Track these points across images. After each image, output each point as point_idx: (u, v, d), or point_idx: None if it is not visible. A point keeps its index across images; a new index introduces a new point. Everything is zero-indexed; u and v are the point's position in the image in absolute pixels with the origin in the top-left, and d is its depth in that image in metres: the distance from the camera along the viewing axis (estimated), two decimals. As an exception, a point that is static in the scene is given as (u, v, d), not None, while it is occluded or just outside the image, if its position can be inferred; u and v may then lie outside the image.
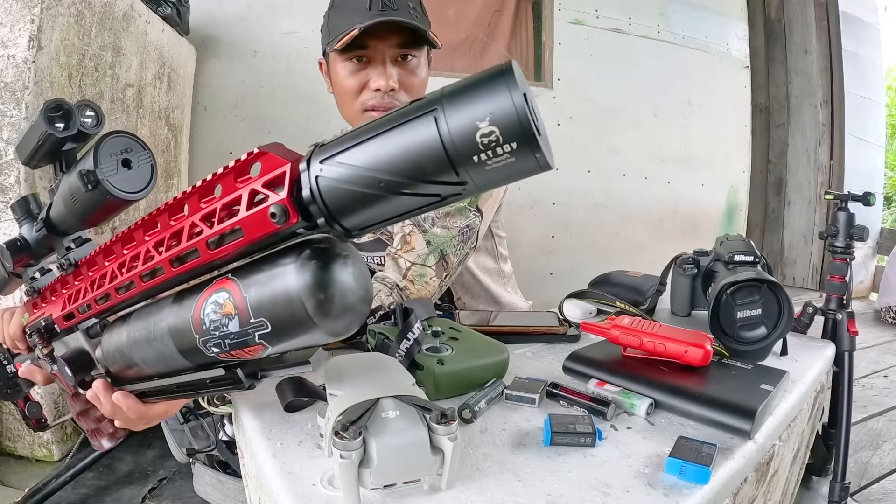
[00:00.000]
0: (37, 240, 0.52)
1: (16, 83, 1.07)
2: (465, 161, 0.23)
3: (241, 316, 0.32)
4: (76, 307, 0.46)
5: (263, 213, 0.28)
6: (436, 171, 0.24)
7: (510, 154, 0.23)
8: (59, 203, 0.46)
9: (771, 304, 0.67)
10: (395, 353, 0.59)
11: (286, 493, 0.42)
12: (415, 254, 0.87)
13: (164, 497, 1.09)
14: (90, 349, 0.49)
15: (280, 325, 0.31)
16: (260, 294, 0.31)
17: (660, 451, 0.49)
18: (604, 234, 2.98)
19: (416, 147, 0.24)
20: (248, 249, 0.32)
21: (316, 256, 0.29)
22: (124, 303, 0.42)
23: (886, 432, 1.56)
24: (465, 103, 0.23)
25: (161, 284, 0.37)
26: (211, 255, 0.32)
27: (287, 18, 2.27)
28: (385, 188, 0.25)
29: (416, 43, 0.89)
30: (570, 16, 2.82)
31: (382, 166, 0.25)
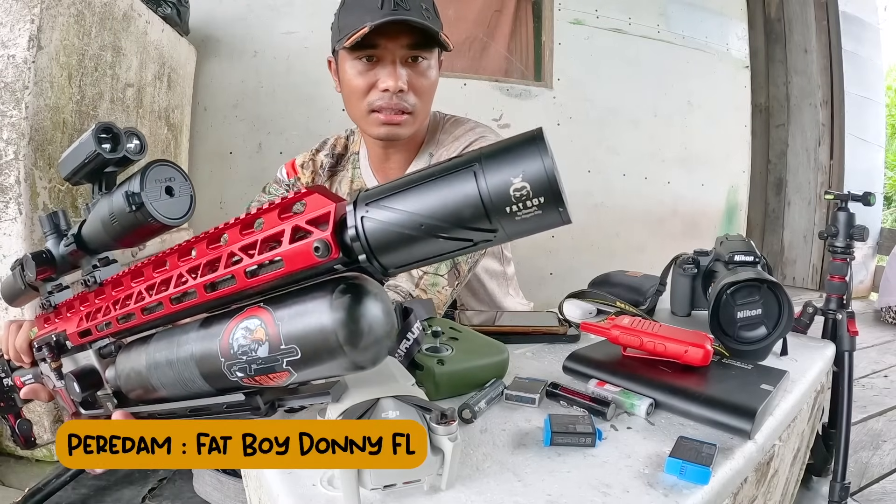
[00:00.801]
0: (63, 255, 0.53)
1: (16, 83, 1.07)
2: (498, 212, 0.26)
3: (271, 342, 0.33)
4: (95, 324, 0.47)
5: (307, 247, 0.30)
6: (472, 219, 0.27)
7: (538, 207, 0.26)
8: (96, 221, 0.47)
9: (771, 304, 0.67)
10: (394, 353, 0.59)
11: (286, 493, 0.42)
12: (429, 279, 0.87)
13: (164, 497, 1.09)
14: (100, 368, 0.50)
15: (310, 353, 0.32)
16: (293, 322, 0.33)
17: (660, 451, 0.49)
18: (604, 234, 2.98)
19: (456, 197, 0.27)
20: (283, 281, 0.33)
21: (350, 291, 0.31)
22: (145, 325, 0.43)
23: (886, 432, 1.56)
24: (502, 161, 0.26)
25: (188, 309, 0.39)
26: (247, 283, 0.34)
27: (287, 18, 2.27)
28: (425, 231, 0.28)
29: (427, 44, 0.87)
30: (570, 16, 2.82)
31: (425, 211, 0.28)
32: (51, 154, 1.16)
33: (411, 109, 0.89)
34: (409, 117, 0.89)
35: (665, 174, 3.12)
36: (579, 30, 2.85)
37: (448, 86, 2.49)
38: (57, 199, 1.19)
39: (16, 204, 1.09)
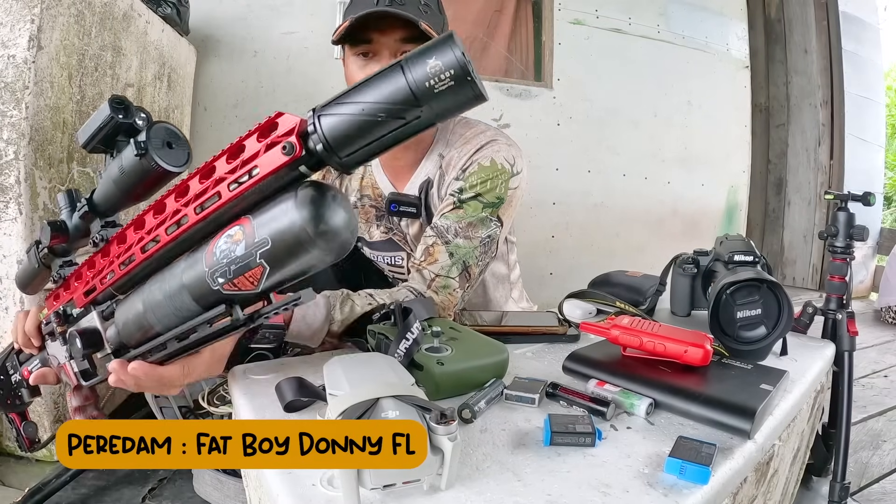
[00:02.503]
0: (76, 224, 0.58)
1: (16, 83, 1.07)
2: (420, 88, 0.34)
3: (247, 240, 0.39)
4: (100, 278, 0.52)
5: (277, 150, 0.37)
6: (403, 99, 0.34)
7: (450, 79, 0.33)
8: (108, 182, 0.53)
9: (771, 304, 0.67)
10: (394, 352, 0.59)
11: (286, 493, 0.42)
12: (438, 265, 0.89)
13: (164, 497, 1.09)
14: (102, 329, 0.54)
15: (279, 242, 0.38)
16: (264, 216, 0.39)
17: (659, 451, 0.49)
18: (604, 234, 2.98)
19: (388, 85, 0.35)
20: (261, 192, 0.39)
21: (313, 187, 0.38)
22: (144, 266, 0.47)
23: (886, 432, 1.55)
24: (422, 54, 0.34)
25: (183, 240, 0.44)
26: (231, 195, 0.39)
27: (287, 18, 2.27)
28: (367, 113, 0.35)
29: (421, 38, 0.87)
30: (570, 16, 2.82)
31: (367, 99, 0.35)
32: (51, 154, 1.16)
33: None
34: None
35: (665, 174, 3.12)
36: (579, 30, 2.85)
37: (448, 86, 2.50)
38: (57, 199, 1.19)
39: (16, 204, 1.09)
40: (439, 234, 0.91)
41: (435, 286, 0.87)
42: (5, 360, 0.77)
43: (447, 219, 0.91)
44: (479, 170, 0.94)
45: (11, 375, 0.76)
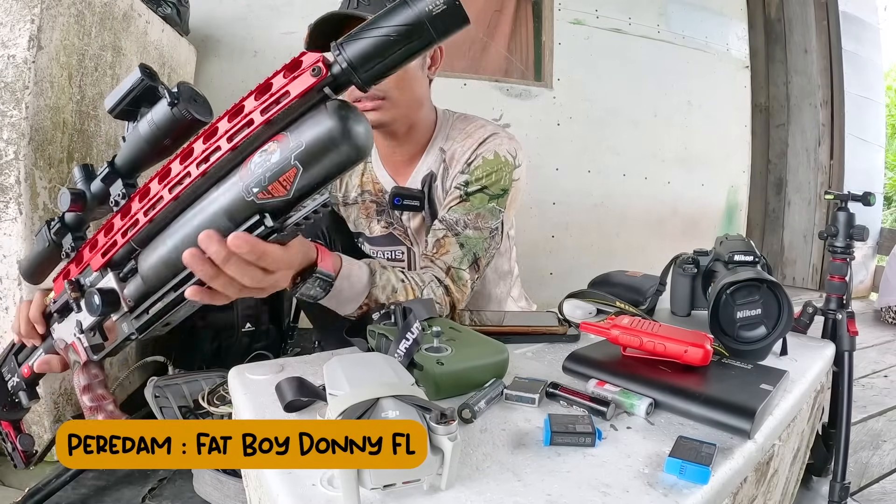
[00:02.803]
0: (97, 188, 0.59)
1: (16, 83, 1.07)
2: (422, 11, 0.42)
3: (281, 147, 0.46)
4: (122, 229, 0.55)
5: (306, 75, 0.45)
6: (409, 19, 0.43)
7: (444, 3, 0.42)
8: (134, 140, 0.55)
9: (771, 304, 0.67)
10: (394, 352, 0.59)
11: (286, 493, 0.42)
12: (450, 256, 0.91)
13: (164, 497, 1.09)
14: (119, 289, 0.57)
15: (313, 144, 0.45)
16: (298, 128, 0.46)
17: (659, 450, 0.49)
18: (604, 234, 2.97)
19: (396, 14, 0.43)
20: (288, 112, 0.46)
21: (339, 102, 0.46)
22: (169, 211, 0.52)
23: (886, 432, 1.55)
24: None
25: (212, 170, 0.48)
26: (263, 119, 0.46)
27: (287, 18, 2.27)
28: (384, 33, 0.43)
29: None
30: (570, 16, 2.82)
31: (384, 23, 0.43)
32: (51, 154, 1.16)
33: (383, 95, 0.93)
34: (383, 102, 0.93)
35: (665, 174, 3.12)
36: (579, 30, 2.85)
37: (448, 86, 2.49)
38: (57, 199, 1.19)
39: (16, 204, 1.09)
40: (449, 226, 0.93)
41: (452, 275, 0.89)
42: (1, 365, 0.75)
43: (455, 212, 0.94)
44: (483, 163, 0.96)
45: (8, 380, 0.74)
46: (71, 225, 0.63)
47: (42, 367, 0.68)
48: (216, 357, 1.50)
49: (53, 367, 0.67)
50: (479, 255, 0.92)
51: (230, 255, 0.49)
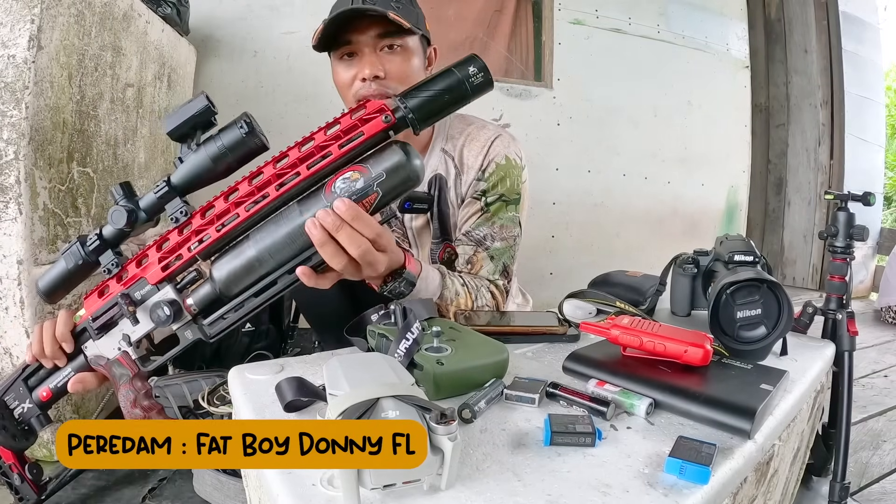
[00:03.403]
0: (150, 205, 0.64)
1: (16, 83, 1.07)
2: (467, 76, 0.62)
3: (365, 177, 0.60)
4: (186, 247, 0.61)
5: (378, 120, 0.60)
6: (454, 88, 0.61)
7: (482, 75, 0.63)
8: (200, 160, 0.61)
9: (771, 304, 0.67)
10: (394, 352, 0.59)
11: (286, 493, 0.42)
12: (485, 271, 0.97)
13: (164, 497, 1.09)
14: (180, 299, 0.63)
15: (391, 174, 0.60)
16: (376, 161, 0.60)
17: (660, 450, 0.49)
18: (604, 234, 2.97)
19: (450, 80, 0.62)
20: (360, 151, 0.60)
21: (400, 142, 0.61)
22: (245, 224, 0.60)
23: (886, 432, 1.55)
24: (466, 63, 0.63)
25: (287, 193, 0.60)
26: (339, 153, 0.59)
27: (287, 18, 2.27)
28: (438, 91, 0.61)
29: (398, 32, 0.91)
30: (570, 16, 2.82)
31: (438, 87, 0.61)
32: (51, 154, 1.16)
33: (393, 93, 0.92)
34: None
35: (665, 174, 3.12)
36: (579, 30, 2.85)
37: (448, 86, 2.49)
38: (57, 199, 1.19)
39: (16, 204, 1.09)
40: (478, 242, 0.98)
41: (497, 284, 0.97)
42: (4, 394, 0.71)
43: (481, 227, 0.98)
44: (497, 168, 0.99)
45: (15, 408, 0.72)
46: (111, 241, 0.65)
47: (76, 387, 0.68)
48: (216, 357, 1.50)
49: (88, 385, 0.68)
50: (507, 263, 0.99)
51: (342, 217, 0.59)
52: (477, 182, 1.00)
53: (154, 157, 1.74)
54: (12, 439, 0.71)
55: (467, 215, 1.00)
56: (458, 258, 0.99)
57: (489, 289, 0.94)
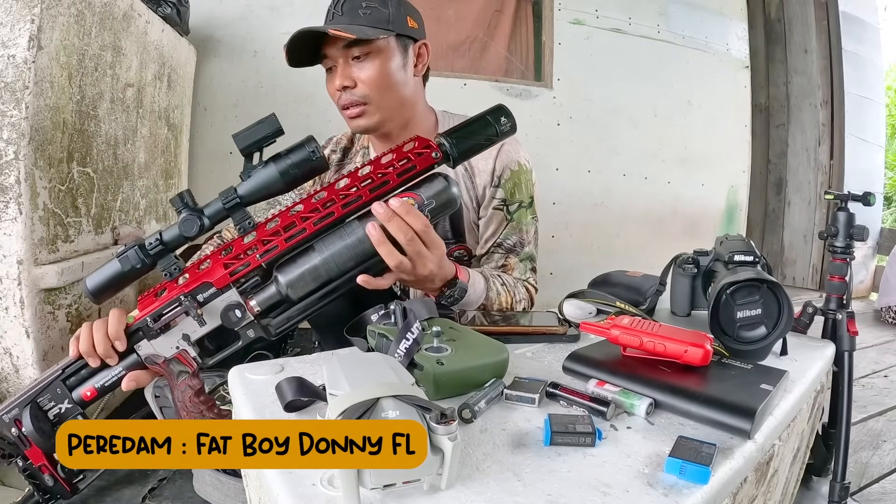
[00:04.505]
0: (217, 215, 0.70)
1: (16, 83, 1.07)
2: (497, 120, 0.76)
3: (417, 202, 0.71)
4: (257, 252, 0.69)
5: (429, 153, 0.72)
6: (489, 132, 0.76)
7: (510, 124, 0.77)
8: (268, 176, 0.70)
9: (771, 304, 0.67)
10: (394, 352, 0.59)
11: (286, 492, 0.42)
12: (517, 272, 1.05)
13: (164, 497, 1.09)
14: (243, 301, 0.70)
15: (439, 200, 0.72)
16: (427, 188, 0.72)
17: (660, 450, 0.49)
18: (604, 234, 2.97)
19: (485, 127, 0.76)
20: (412, 178, 0.72)
21: (445, 175, 0.74)
22: (308, 237, 0.69)
23: (886, 432, 1.55)
24: (497, 114, 0.77)
25: (350, 212, 0.70)
26: (397, 181, 0.71)
27: (287, 18, 2.26)
28: (474, 137, 0.74)
29: (363, 41, 0.94)
30: (570, 16, 2.82)
31: (475, 130, 0.75)
32: (51, 154, 1.16)
33: (363, 100, 0.97)
34: (366, 107, 0.98)
35: (665, 174, 3.12)
36: (579, 30, 2.85)
37: (448, 86, 2.49)
38: (57, 199, 1.19)
39: (16, 204, 1.09)
40: (508, 250, 1.06)
41: (530, 280, 1.06)
42: (36, 396, 0.71)
43: (509, 236, 1.06)
44: (512, 175, 1.04)
45: (51, 409, 0.72)
46: (171, 246, 0.70)
47: (129, 385, 0.71)
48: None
49: (142, 383, 0.72)
50: (534, 261, 1.08)
51: (401, 215, 0.69)
52: (494, 189, 1.04)
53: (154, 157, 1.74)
54: (46, 441, 0.71)
55: (493, 227, 1.06)
56: (491, 263, 1.06)
57: (524, 285, 1.03)
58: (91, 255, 1.31)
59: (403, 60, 1.00)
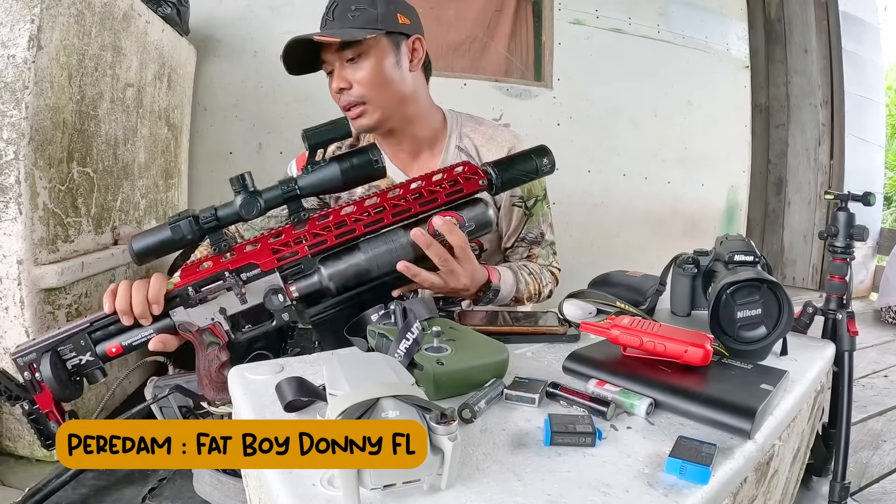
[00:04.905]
0: (273, 198, 0.73)
1: (16, 83, 1.07)
2: (540, 159, 0.84)
3: (460, 222, 0.77)
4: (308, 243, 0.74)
5: (476, 180, 0.79)
6: (532, 167, 0.84)
7: (550, 164, 0.85)
8: (329, 173, 0.74)
9: (771, 304, 0.67)
10: (394, 352, 0.59)
11: (286, 492, 0.42)
12: (541, 259, 1.12)
13: (164, 497, 1.09)
14: (284, 286, 0.74)
15: (478, 223, 0.79)
16: (469, 211, 0.79)
17: (660, 450, 0.49)
18: (604, 234, 2.97)
19: (528, 161, 0.84)
20: (458, 198, 0.79)
21: (486, 201, 0.82)
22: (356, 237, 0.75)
23: (886, 432, 1.55)
24: (540, 154, 0.85)
25: (399, 220, 0.76)
26: (445, 199, 0.77)
27: (287, 18, 2.26)
28: (518, 173, 0.83)
29: (353, 43, 0.96)
30: (570, 16, 2.82)
31: (518, 167, 0.83)
32: (51, 154, 1.16)
33: (359, 101, 0.99)
34: (364, 107, 1.00)
35: (665, 174, 3.12)
36: (579, 30, 2.85)
37: (448, 86, 2.49)
38: (57, 199, 1.19)
39: (16, 204, 1.09)
40: (531, 242, 1.12)
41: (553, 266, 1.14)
42: (58, 344, 0.71)
43: (531, 231, 1.12)
44: None
45: (70, 359, 0.72)
46: (224, 223, 0.72)
47: (157, 346, 0.74)
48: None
49: (169, 346, 0.74)
50: (554, 245, 1.16)
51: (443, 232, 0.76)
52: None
53: (154, 157, 1.74)
54: (62, 389, 0.71)
55: (515, 223, 1.12)
56: (515, 255, 1.13)
57: (548, 269, 1.11)
58: (91, 255, 1.31)
59: (396, 57, 1.00)
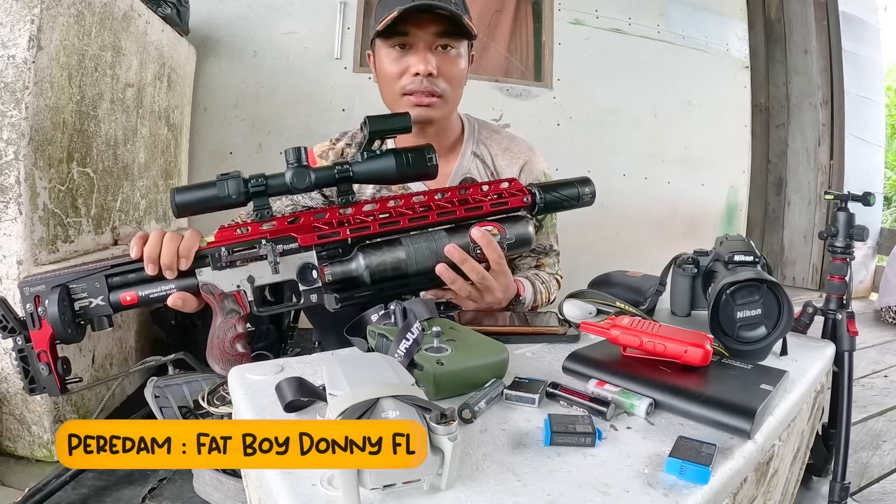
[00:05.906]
0: (325, 177, 0.73)
1: (16, 83, 1.07)
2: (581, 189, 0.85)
3: (500, 235, 0.77)
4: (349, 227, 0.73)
5: (521, 197, 0.81)
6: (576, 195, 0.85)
7: (591, 194, 0.87)
8: (383, 165, 0.74)
9: (771, 304, 0.67)
10: (394, 352, 0.59)
11: (286, 492, 0.42)
12: (549, 268, 1.13)
13: (164, 497, 1.09)
14: (319, 266, 0.73)
15: (518, 238, 0.79)
16: (512, 226, 0.79)
17: (660, 451, 0.49)
18: (604, 234, 2.97)
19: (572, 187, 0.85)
20: (500, 212, 0.79)
21: (528, 219, 0.81)
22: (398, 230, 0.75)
23: (886, 432, 1.56)
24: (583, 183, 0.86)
25: (441, 222, 0.76)
26: (489, 210, 0.78)
27: (287, 18, 2.27)
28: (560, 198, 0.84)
29: (455, 33, 0.92)
30: (570, 16, 2.82)
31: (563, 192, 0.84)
32: (51, 154, 1.16)
33: (441, 93, 0.95)
34: (439, 100, 0.96)
35: (665, 174, 3.12)
36: (579, 30, 2.85)
37: (448, 86, 2.49)
38: (57, 199, 1.19)
39: (16, 204, 1.09)
40: (541, 253, 1.12)
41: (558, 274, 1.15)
42: (71, 281, 0.67)
43: (541, 241, 1.12)
44: None
45: (80, 299, 0.67)
46: (271, 191, 0.71)
47: (175, 302, 0.70)
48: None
49: (188, 306, 0.71)
50: (559, 254, 1.17)
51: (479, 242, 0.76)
52: None
53: (154, 157, 1.74)
54: (63, 329, 0.66)
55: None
56: (525, 264, 1.12)
57: (555, 278, 1.11)
58: (91, 255, 1.31)
59: (467, 65, 0.99)
